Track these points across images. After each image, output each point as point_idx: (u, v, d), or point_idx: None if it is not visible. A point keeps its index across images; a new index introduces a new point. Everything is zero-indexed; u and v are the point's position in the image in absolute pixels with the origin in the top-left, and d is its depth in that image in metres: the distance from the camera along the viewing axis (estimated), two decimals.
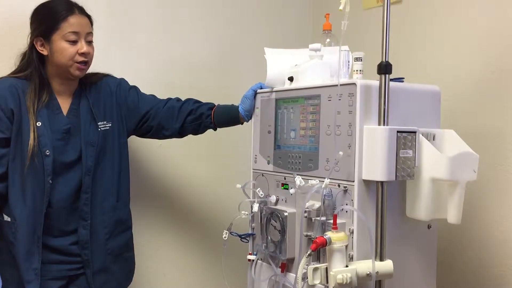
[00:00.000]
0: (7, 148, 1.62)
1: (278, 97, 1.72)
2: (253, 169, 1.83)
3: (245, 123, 1.87)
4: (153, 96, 1.91)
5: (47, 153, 1.62)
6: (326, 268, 1.38)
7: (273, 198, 1.69)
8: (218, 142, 2.27)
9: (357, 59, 1.55)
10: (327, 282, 1.37)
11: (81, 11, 1.66)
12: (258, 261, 1.76)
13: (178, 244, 2.30)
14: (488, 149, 1.77)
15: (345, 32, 1.41)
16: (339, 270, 1.33)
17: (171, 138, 1.92)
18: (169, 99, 1.90)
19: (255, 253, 1.76)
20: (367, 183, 1.42)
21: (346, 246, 1.37)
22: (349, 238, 1.41)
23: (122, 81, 1.87)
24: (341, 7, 1.40)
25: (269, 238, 1.65)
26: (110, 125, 1.77)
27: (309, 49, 1.64)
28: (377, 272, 1.36)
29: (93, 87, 1.78)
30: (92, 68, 1.75)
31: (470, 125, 1.83)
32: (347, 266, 1.35)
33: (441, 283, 1.68)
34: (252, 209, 1.73)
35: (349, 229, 1.43)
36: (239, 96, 1.85)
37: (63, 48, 1.62)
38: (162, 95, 1.92)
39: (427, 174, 1.44)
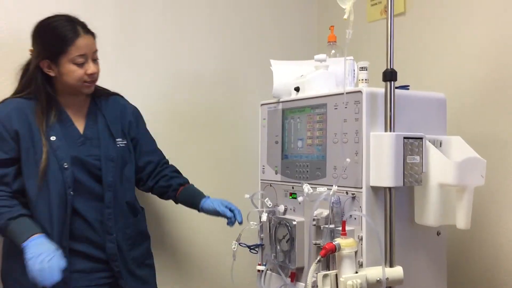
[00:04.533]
0: (12, 167, 1.61)
1: (285, 107, 1.74)
2: (261, 179, 1.84)
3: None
4: (155, 145, 1.91)
5: (65, 166, 1.62)
6: (336, 275, 1.38)
7: (281, 208, 1.70)
8: (225, 154, 2.29)
9: (362, 68, 1.57)
10: None
11: (86, 30, 1.64)
12: (267, 271, 1.76)
13: (186, 255, 2.30)
14: (495, 156, 1.77)
15: (350, 42, 1.42)
16: (349, 276, 1.33)
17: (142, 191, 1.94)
18: (161, 159, 1.91)
19: (264, 263, 1.77)
20: (375, 189, 1.43)
21: (356, 253, 1.38)
22: (358, 244, 1.42)
23: (140, 117, 1.88)
24: (345, 16, 1.42)
25: (278, 247, 1.66)
26: (125, 143, 1.78)
27: (314, 59, 1.66)
28: (387, 279, 1.36)
29: (105, 103, 1.78)
30: (100, 84, 1.75)
31: (476, 132, 1.84)
32: (357, 273, 1.35)
33: None
34: (260, 219, 1.74)
35: (358, 235, 1.43)
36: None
37: (71, 70, 1.61)
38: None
39: (435, 179, 1.44)
